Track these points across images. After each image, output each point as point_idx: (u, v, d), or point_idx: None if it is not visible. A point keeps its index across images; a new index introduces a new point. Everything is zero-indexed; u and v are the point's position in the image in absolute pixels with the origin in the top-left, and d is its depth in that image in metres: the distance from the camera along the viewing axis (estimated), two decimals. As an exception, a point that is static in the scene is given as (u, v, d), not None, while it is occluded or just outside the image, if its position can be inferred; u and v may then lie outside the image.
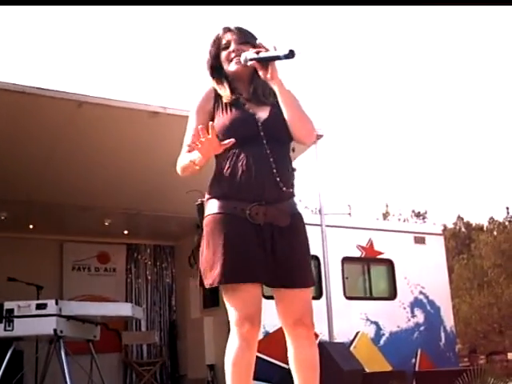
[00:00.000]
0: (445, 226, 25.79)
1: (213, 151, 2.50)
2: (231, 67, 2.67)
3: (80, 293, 9.46)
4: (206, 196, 2.64)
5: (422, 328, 9.89)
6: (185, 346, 9.88)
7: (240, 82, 2.71)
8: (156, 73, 44.83)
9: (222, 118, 2.61)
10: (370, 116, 45.21)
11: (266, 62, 2.55)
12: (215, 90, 2.71)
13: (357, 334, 9.15)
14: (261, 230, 2.51)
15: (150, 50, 44.39)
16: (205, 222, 2.60)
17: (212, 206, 2.58)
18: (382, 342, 9.42)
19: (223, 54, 2.69)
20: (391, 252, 9.82)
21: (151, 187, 7.48)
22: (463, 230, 29.24)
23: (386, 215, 29.12)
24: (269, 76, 2.56)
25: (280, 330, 2.61)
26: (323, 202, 7.55)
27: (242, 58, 2.60)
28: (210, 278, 2.49)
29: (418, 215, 29.88)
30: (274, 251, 2.50)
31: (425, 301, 10.03)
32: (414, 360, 9.54)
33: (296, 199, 2.68)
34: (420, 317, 9.92)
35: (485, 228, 26.49)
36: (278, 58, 2.51)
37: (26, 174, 7.04)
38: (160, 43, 43.11)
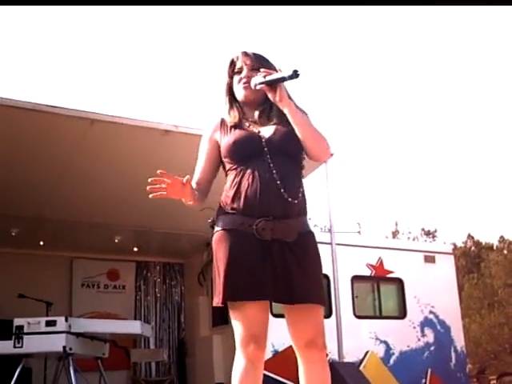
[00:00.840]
0: (455, 245, 25.70)
1: (180, 193, 2.60)
2: (239, 93, 2.73)
3: (89, 310, 9.47)
4: (216, 211, 2.67)
5: (432, 348, 9.81)
6: (193, 364, 9.84)
7: (250, 108, 2.75)
8: (169, 91, 45.10)
9: (226, 139, 2.67)
10: (380, 133, 45.25)
11: (274, 85, 2.59)
12: (222, 119, 2.77)
13: (366, 353, 9.09)
14: (269, 247, 2.49)
15: (162, 69, 44.70)
16: (213, 238, 2.61)
17: (220, 223, 2.60)
18: (391, 361, 9.35)
19: (235, 79, 2.74)
20: (401, 271, 9.77)
21: (161, 205, 7.43)
22: (473, 248, 29.11)
23: (395, 233, 29.08)
24: (277, 98, 2.59)
25: (289, 349, 2.59)
26: (333, 220, 7.55)
27: (252, 83, 2.65)
28: (217, 296, 2.50)
29: (427, 233, 29.80)
30: (284, 267, 2.48)
31: (435, 320, 9.96)
32: (424, 380, 9.46)
33: (307, 218, 2.67)
34: (430, 336, 9.85)
35: (495, 247, 26.38)
36: (283, 79, 2.56)
37: (37, 191, 7.08)
38: (173, 62, 43.42)
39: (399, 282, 9.77)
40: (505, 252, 24.07)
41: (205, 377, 9.08)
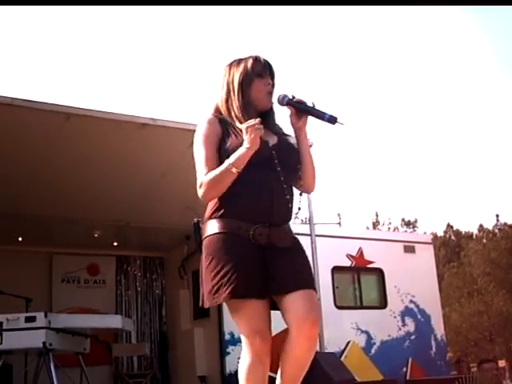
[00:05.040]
0: (435, 235, 25.90)
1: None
2: (259, 97, 2.71)
3: (69, 305, 9.40)
4: (207, 216, 2.65)
5: (412, 337, 9.90)
6: (175, 357, 9.84)
7: (253, 111, 2.72)
8: (146, 84, 44.86)
9: (236, 141, 2.60)
10: (359, 123, 45.41)
11: (302, 112, 2.64)
12: (220, 119, 2.70)
13: (348, 343, 9.15)
14: (262, 250, 2.54)
15: (139, 61, 44.45)
16: (206, 242, 2.61)
17: (214, 227, 2.60)
18: (373, 351, 9.42)
19: (256, 81, 2.71)
20: (381, 261, 9.83)
21: (140, 199, 7.46)
22: (453, 238, 29.34)
23: (375, 224, 29.19)
24: (299, 125, 2.67)
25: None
26: (313, 211, 7.56)
27: (279, 97, 2.69)
28: (218, 296, 2.51)
29: (407, 224, 29.95)
30: (277, 266, 2.53)
31: (415, 309, 10.05)
32: (405, 369, 9.54)
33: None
34: (411, 325, 9.93)
35: (474, 236, 26.59)
36: (319, 117, 2.58)
37: (15, 187, 7.01)
38: (149, 54, 43.17)
39: (379, 272, 9.84)
40: (484, 241, 24.27)
41: (187, 370, 9.09)
